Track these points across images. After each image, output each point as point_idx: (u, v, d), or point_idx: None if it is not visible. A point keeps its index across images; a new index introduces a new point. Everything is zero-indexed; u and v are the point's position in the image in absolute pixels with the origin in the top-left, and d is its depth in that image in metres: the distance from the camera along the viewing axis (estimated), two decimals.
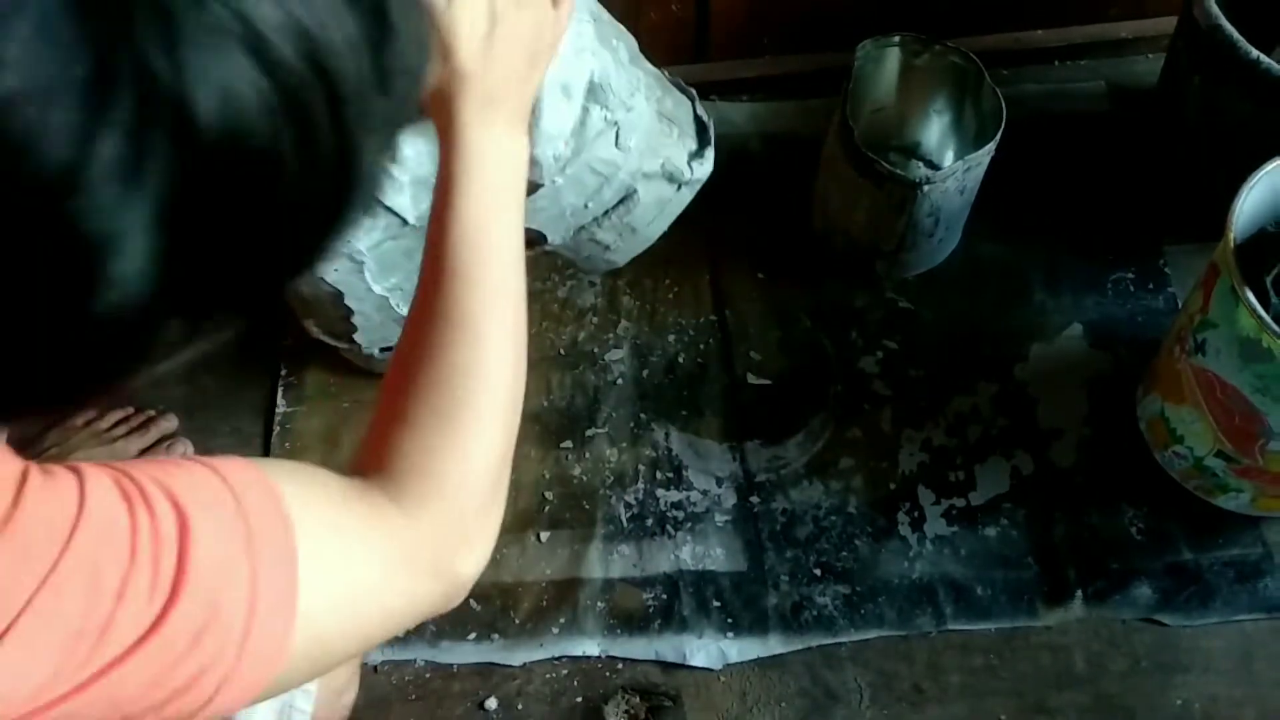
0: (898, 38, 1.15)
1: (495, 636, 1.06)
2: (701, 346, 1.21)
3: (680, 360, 1.20)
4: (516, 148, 0.66)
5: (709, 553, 1.09)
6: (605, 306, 1.23)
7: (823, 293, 1.23)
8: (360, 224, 0.43)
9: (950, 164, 1.16)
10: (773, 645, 1.04)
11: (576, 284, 1.24)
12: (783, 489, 1.12)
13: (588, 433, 1.16)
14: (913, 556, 1.08)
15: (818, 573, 1.08)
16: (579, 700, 1.03)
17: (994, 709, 1.02)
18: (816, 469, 1.13)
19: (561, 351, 1.20)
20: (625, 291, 1.24)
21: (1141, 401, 1.13)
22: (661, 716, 1.02)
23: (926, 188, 1.08)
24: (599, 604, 1.07)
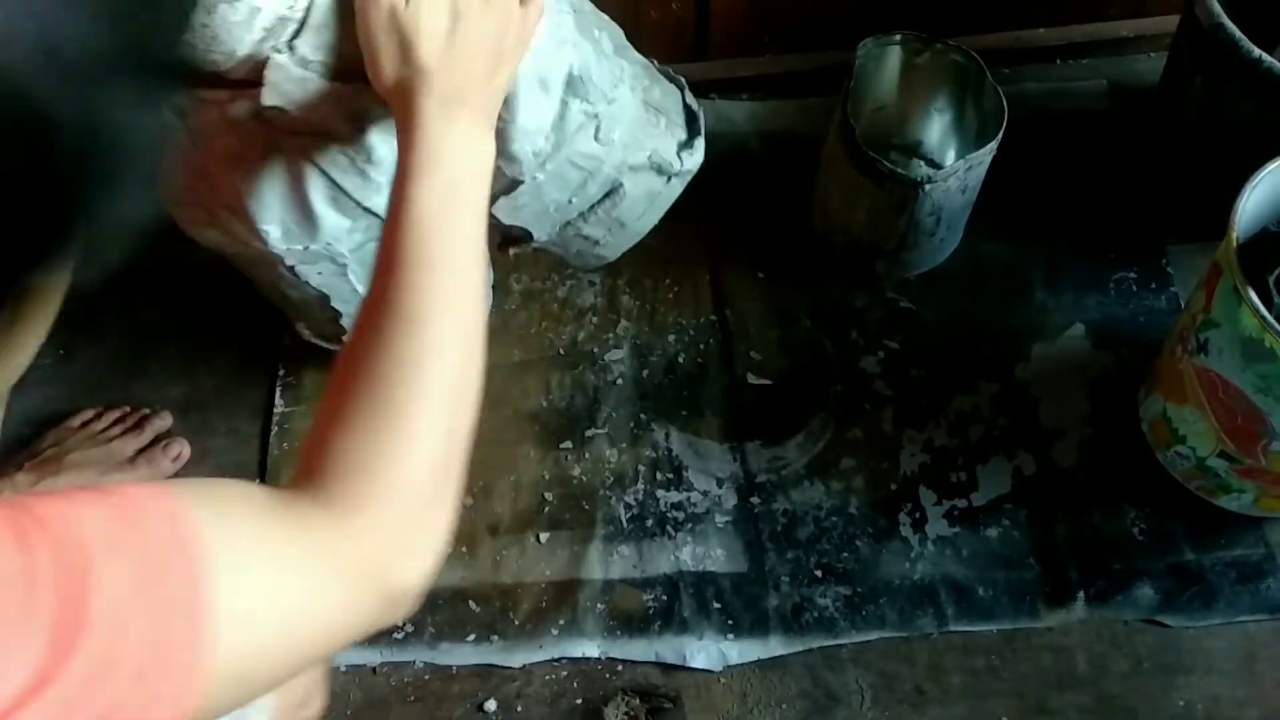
0: (899, 36, 1.15)
1: (494, 638, 1.05)
2: (701, 346, 1.20)
3: (680, 360, 1.20)
4: (478, 146, 0.65)
5: (709, 554, 1.09)
6: (605, 306, 1.22)
7: (823, 292, 1.23)
8: (147, 192, 0.42)
9: (951, 163, 1.16)
10: (773, 646, 1.04)
11: (576, 284, 1.24)
12: (783, 489, 1.12)
13: (588, 433, 1.15)
14: (914, 557, 1.08)
15: (819, 574, 1.07)
16: (579, 702, 1.03)
17: (996, 710, 1.01)
18: (817, 469, 1.13)
19: (561, 351, 1.20)
20: (625, 291, 1.23)
21: (1144, 401, 1.12)
22: (661, 718, 1.01)
23: (928, 187, 1.08)
24: (599, 605, 1.06)
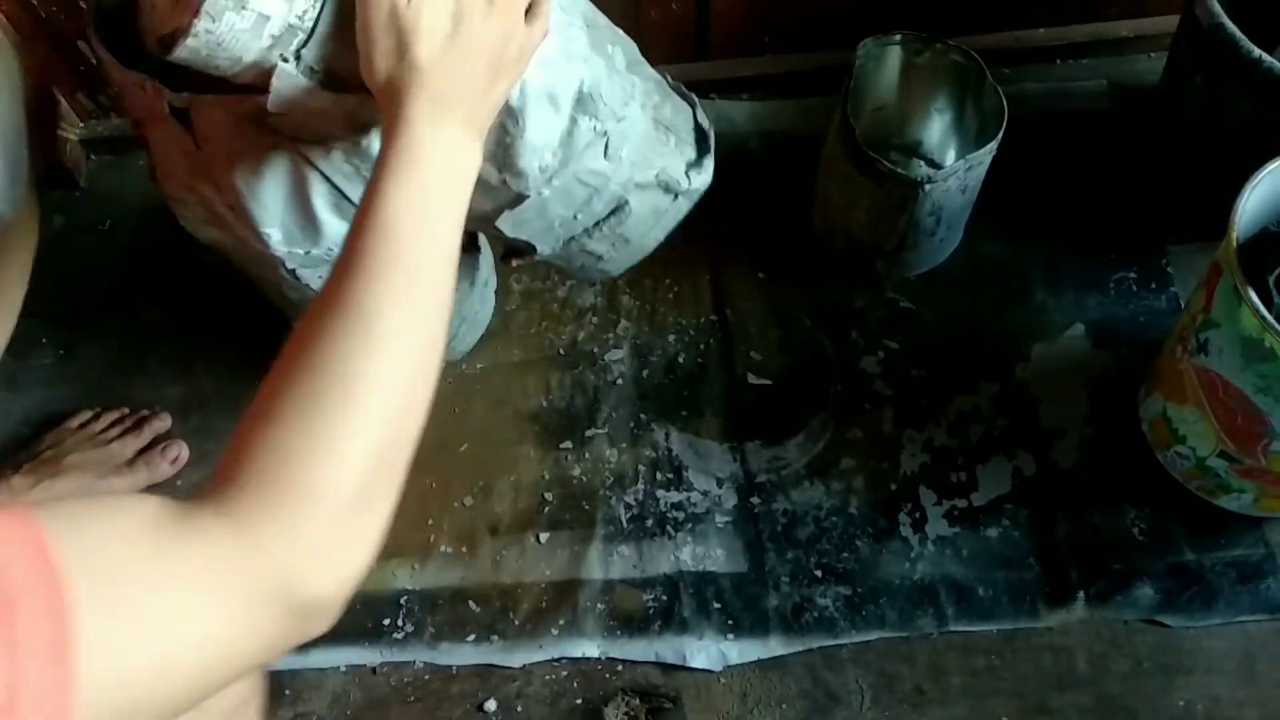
0: (899, 36, 1.15)
1: (494, 638, 1.05)
2: (701, 346, 1.20)
3: (680, 360, 1.20)
4: (464, 153, 0.64)
5: (709, 554, 1.09)
6: (605, 306, 1.22)
7: (823, 292, 1.23)
8: None
9: (951, 163, 1.15)
10: (773, 646, 1.04)
11: (576, 284, 1.24)
12: (783, 489, 1.12)
13: (587, 433, 1.15)
14: (914, 557, 1.08)
15: (819, 574, 1.07)
16: (579, 702, 1.03)
17: (996, 710, 1.01)
18: (817, 469, 1.13)
19: (561, 351, 1.20)
20: (625, 291, 1.23)
21: (1144, 401, 1.12)
22: (661, 718, 1.01)
23: (928, 187, 1.08)
24: (599, 605, 1.06)
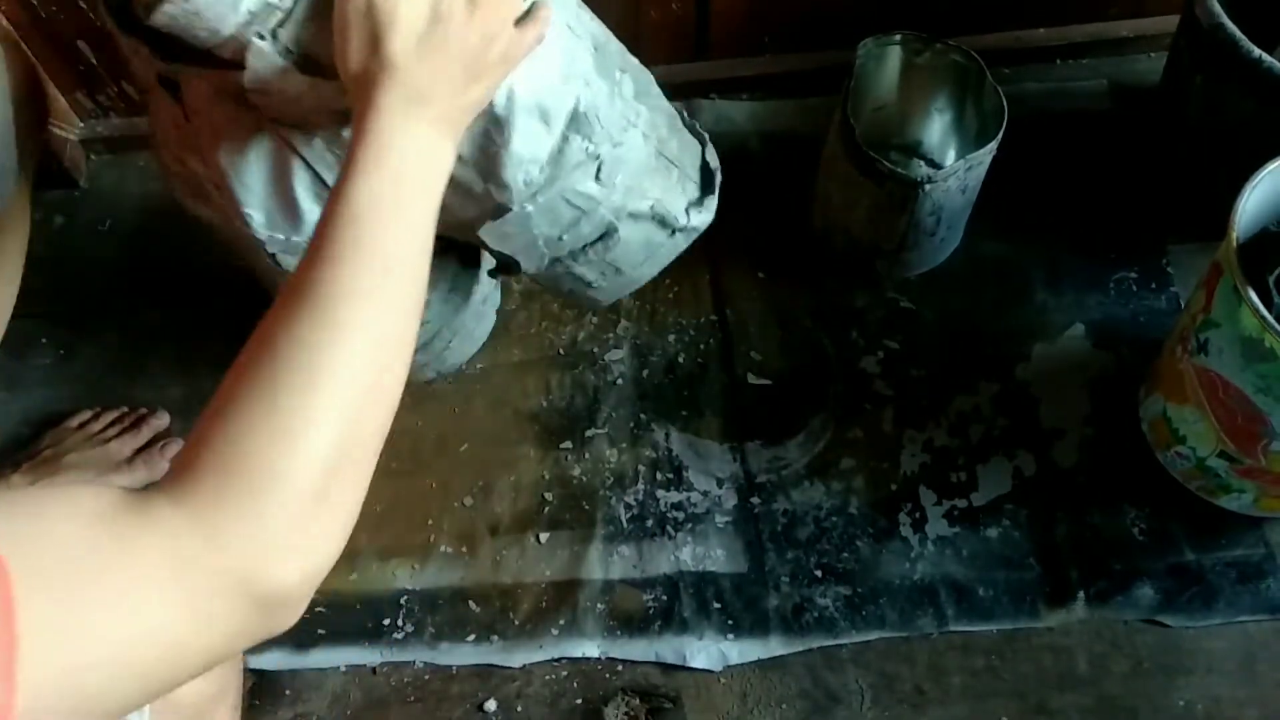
0: (899, 36, 1.15)
1: (494, 638, 1.05)
2: (701, 346, 1.20)
3: (680, 360, 1.20)
4: (435, 151, 0.63)
5: (709, 554, 1.09)
6: (605, 306, 1.22)
7: (823, 292, 1.23)
8: None
9: (952, 163, 1.15)
10: (773, 647, 1.04)
11: None
12: (783, 489, 1.12)
13: (588, 433, 1.15)
14: (914, 557, 1.08)
15: (819, 574, 1.07)
16: (579, 702, 1.03)
17: (996, 710, 1.01)
18: (817, 469, 1.13)
19: (561, 351, 1.20)
20: None
21: (1144, 401, 1.12)
22: (661, 718, 1.01)
23: (928, 187, 1.08)
24: (599, 605, 1.06)
